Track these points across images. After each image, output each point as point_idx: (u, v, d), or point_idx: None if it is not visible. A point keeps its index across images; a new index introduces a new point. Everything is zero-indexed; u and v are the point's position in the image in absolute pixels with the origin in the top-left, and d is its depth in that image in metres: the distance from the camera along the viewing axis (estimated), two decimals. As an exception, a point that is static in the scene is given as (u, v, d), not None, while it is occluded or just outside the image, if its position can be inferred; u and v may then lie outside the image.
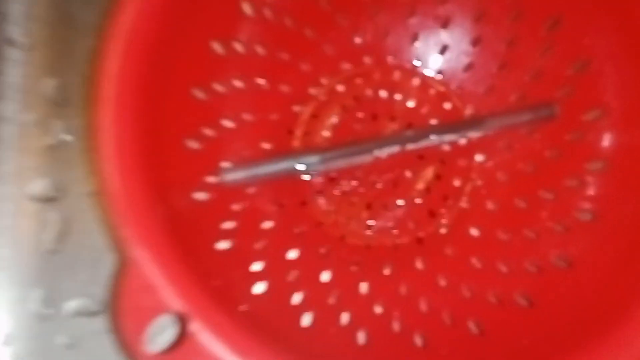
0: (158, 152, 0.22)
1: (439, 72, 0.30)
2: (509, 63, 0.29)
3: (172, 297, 0.19)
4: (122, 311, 0.19)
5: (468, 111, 0.30)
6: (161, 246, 0.19)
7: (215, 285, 0.21)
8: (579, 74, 0.27)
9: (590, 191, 0.26)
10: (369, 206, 0.29)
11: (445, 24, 0.29)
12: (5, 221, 0.27)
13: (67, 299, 0.26)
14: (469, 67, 0.30)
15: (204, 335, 0.19)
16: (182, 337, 0.19)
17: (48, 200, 0.27)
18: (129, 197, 0.19)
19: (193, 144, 0.25)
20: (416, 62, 0.30)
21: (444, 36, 0.30)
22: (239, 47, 0.27)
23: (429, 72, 0.30)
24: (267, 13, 0.27)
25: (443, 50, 0.30)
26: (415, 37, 0.30)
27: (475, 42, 0.29)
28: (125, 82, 0.20)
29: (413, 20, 0.30)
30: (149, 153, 0.21)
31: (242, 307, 0.22)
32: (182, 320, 0.19)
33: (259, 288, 0.25)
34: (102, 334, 0.24)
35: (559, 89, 0.28)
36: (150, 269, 0.19)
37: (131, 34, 0.20)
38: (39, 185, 0.27)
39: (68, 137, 0.27)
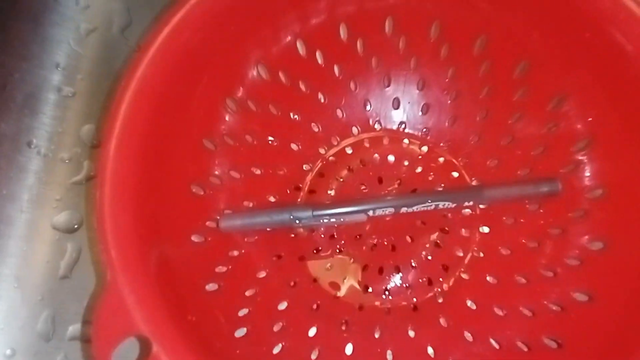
0: (157, 192, 0.24)
1: (448, 142, 0.31)
2: (516, 137, 0.29)
3: (141, 321, 0.20)
4: (95, 329, 0.20)
5: (474, 182, 0.30)
6: (139, 272, 0.21)
7: (189, 320, 0.22)
8: (583, 151, 0.27)
9: (590, 270, 0.25)
10: (365, 268, 0.30)
11: (454, 97, 0.31)
12: (25, 246, 0.29)
13: (70, 322, 0.28)
14: (477, 139, 0.30)
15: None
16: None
17: (69, 231, 0.30)
18: (116, 228, 0.21)
19: (197, 190, 0.27)
20: (425, 131, 0.32)
21: (454, 109, 0.31)
22: (252, 105, 0.29)
23: (438, 141, 0.31)
24: (282, 77, 0.30)
25: (453, 121, 0.31)
26: (425, 108, 0.31)
27: (484, 115, 0.30)
28: (128, 127, 0.22)
29: (423, 93, 0.31)
30: (147, 192, 0.23)
31: (217, 346, 0.23)
32: (148, 344, 0.19)
33: (240, 332, 0.25)
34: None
35: (564, 165, 0.28)
36: (126, 293, 0.20)
37: (141, 80, 0.23)
38: (63, 217, 0.30)
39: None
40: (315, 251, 0.30)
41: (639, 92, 0.24)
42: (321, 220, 0.29)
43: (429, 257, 0.29)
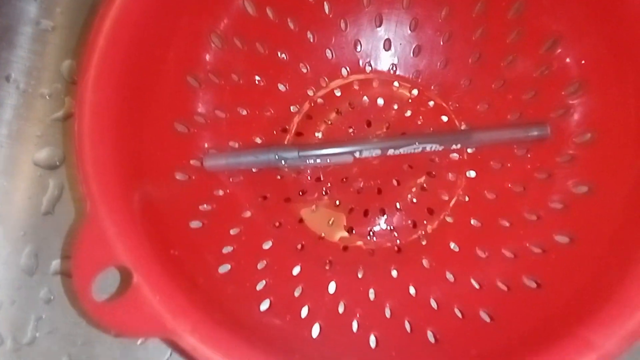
0: (139, 127, 0.24)
1: (439, 85, 0.31)
2: (507, 81, 0.29)
3: (121, 252, 0.20)
4: (74, 260, 0.20)
5: (464, 126, 0.30)
6: (120, 204, 0.21)
7: (172, 254, 0.22)
8: (574, 95, 0.27)
9: (573, 213, 0.25)
10: (350, 210, 0.30)
11: (447, 39, 0.30)
12: (6, 181, 0.29)
13: (54, 257, 0.28)
14: (468, 83, 0.30)
15: (145, 290, 0.19)
16: (126, 290, 0.19)
17: (51, 167, 0.30)
18: (95, 160, 0.21)
19: (181, 128, 0.27)
20: (416, 74, 0.31)
21: (447, 51, 0.30)
22: (238, 42, 0.28)
23: (429, 85, 0.31)
24: (270, 13, 0.28)
25: (444, 64, 0.30)
26: (417, 50, 0.30)
27: (476, 57, 0.29)
28: (106, 59, 0.22)
29: (415, 33, 0.30)
30: (128, 126, 0.23)
31: (200, 280, 0.23)
32: (129, 275, 0.19)
33: (224, 269, 0.25)
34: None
35: (554, 110, 0.27)
36: (106, 224, 0.20)
37: (119, 9, 0.22)
38: (44, 153, 0.30)
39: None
40: (301, 193, 0.30)
41: (633, 32, 0.24)
42: (307, 161, 0.28)
43: (415, 201, 0.29)
